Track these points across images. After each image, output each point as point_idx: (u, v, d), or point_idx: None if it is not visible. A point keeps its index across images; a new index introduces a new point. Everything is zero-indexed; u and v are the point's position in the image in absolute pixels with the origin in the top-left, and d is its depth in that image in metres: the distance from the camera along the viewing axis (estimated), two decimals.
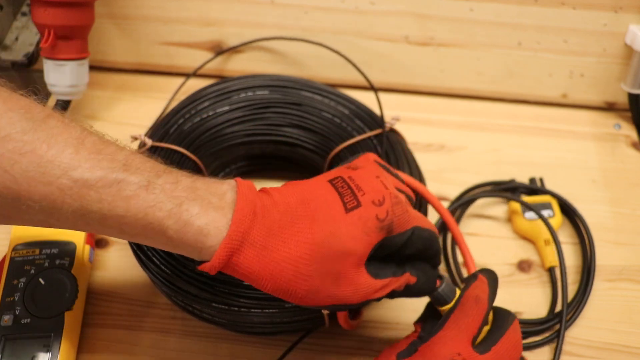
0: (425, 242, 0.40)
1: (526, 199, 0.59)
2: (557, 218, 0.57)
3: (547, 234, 0.56)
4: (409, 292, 0.41)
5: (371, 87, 0.60)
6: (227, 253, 0.35)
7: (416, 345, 0.40)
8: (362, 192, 0.38)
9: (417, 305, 0.53)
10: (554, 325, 0.51)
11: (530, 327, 0.51)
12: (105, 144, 0.36)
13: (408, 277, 0.40)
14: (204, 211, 0.35)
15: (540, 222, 0.56)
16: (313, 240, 0.36)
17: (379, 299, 0.39)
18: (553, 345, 0.51)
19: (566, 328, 0.51)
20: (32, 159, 0.33)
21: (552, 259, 0.55)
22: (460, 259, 0.56)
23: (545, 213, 0.57)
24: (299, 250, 0.36)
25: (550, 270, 0.55)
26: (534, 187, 0.60)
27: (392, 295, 0.40)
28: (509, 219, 0.59)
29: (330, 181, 0.39)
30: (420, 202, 0.50)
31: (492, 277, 0.43)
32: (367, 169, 0.41)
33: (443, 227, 0.56)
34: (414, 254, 0.40)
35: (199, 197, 0.36)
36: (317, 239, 0.36)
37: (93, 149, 0.35)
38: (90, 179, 0.34)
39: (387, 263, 0.39)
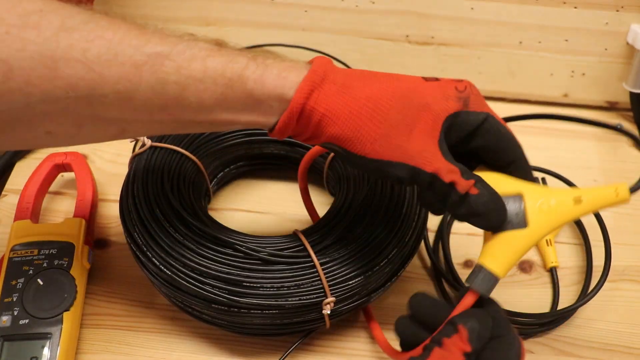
0: (499, 136, 0.38)
1: None
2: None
3: (548, 235, 0.55)
4: (471, 207, 0.36)
5: None
6: (310, 87, 0.35)
7: None
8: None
9: None
10: (555, 325, 0.51)
11: (531, 328, 0.51)
12: (162, 29, 0.36)
13: (471, 185, 0.36)
14: (279, 62, 0.36)
15: None
16: (394, 90, 0.36)
17: (444, 205, 0.37)
18: (553, 346, 0.51)
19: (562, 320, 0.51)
20: (101, 44, 0.33)
21: (553, 259, 0.55)
22: (459, 260, 0.56)
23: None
24: (381, 92, 0.36)
25: (552, 271, 0.54)
26: None
27: (454, 206, 0.36)
28: None
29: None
30: None
31: (482, 323, 0.35)
32: None
33: None
34: (486, 152, 0.38)
35: (270, 55, 0.37)
36: (399, 91, 0.36)
37: (156, 30, 0.35)
38: (163, 50, 0.34)
39: (458, 160, 0.37)
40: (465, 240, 0.57)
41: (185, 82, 0.34)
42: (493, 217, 0.37)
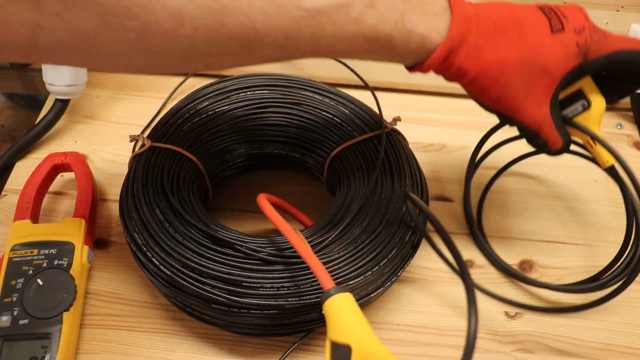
0: (625, 63, 0.43)
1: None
2: (595, 106, 0.46)
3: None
4: (549, 152, 0.47)
5: (367, 87, 0.59)
6: (447, 52, 0.39)
7: None
8: (566, 19, 0.42)
9: (416, 306, 0.53)
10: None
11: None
12: None
13: (559, 145, 0.45)
14: (423, 19, 0.39)
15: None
16: (520, 52, 0.40)
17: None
18: (553, 346, 0.51)
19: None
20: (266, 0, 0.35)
21: (608, 157, 0.48)
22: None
23: (580, 105, 0.47)
24: (508, 55, 0.40)
25: (612, 169, 0.49)
26: None
27: (540, 148, 0.46)
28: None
29: (538, 6, 0.43)
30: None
31: None
32: (572, 5, 0.44)
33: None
34: (614, 76, 0.45)
35: (416, 7, 0.39)
36: (524, 52, 0.40)
37: None
38: (321, 6, 0.36)
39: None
40: (466, 240, 0.58)
41: (339, 37, 0.37)
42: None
